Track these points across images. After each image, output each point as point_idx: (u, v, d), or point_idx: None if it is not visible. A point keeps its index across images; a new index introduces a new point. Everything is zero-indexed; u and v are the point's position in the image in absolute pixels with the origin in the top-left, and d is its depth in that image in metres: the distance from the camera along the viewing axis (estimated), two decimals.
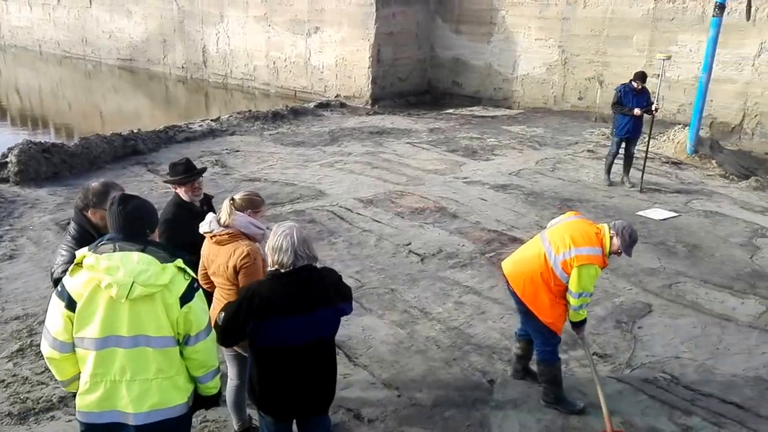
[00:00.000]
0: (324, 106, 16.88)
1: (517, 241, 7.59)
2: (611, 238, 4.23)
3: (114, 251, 2.73)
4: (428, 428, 4.32)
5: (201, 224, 3.69)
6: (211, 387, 3.02)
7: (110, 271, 2.65)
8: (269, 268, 3.12)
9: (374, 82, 17.64)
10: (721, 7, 10.91)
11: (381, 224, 8.09)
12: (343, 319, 3.07)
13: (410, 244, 7.48)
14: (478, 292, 6.34)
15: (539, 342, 4.46)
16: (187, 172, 4.31)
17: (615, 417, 4.42)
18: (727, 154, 12.38)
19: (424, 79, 19.43)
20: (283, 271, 3.04)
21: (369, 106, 17.43)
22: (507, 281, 4.52)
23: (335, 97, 18.18)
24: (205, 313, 2.90)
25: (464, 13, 18.18)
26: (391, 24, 17.55)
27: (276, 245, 3.02)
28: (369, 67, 17.48)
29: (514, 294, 4.44)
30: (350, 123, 15.02)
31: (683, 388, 4.83)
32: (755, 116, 13.72)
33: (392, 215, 8.45)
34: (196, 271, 3.47)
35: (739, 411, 4.58)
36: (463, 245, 7.51)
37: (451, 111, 17.18)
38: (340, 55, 18.11)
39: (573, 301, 4.22)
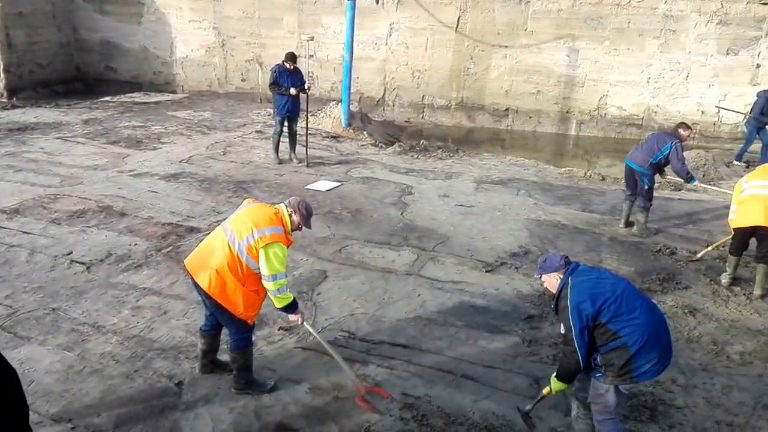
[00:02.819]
0: None
1: (195, 231, 7.42)
2: (290, 215, 4.36)
3: None
4: None
5: None
6: None
7: None
8: None
9: (7, 71, 15.22)
10: None
11: (32, 236, 7.07)
12: None
13: (71, 252, 6.70)
14: (157, 292, 6.01)
15: (234, 331, 4.40)
16: None
17: (303, 384, 4.68)
18: (375, 125, 13.92)
19: (71, 65, 17.46)
20: None
21: (5, 99, 15.01)
22: (192, 279, 4.34)
23: None
24: None
25: None
26: (19, 3, 15.26)
27: None
28: None
29: (201, 290, 4.28)
30: None
31: (359, 341, 5.33)
32: (393, 90, 15.66)
33: (46, 223, 7.46)
34: None
35: (406, 350, 5.23)
36: (136, 244, 7.03)
37: (107, 99, 15.85)
38: None
39: (269, 285, 4.19)
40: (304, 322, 4.56)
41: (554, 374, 3.92)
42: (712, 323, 5.86)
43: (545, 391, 4.05)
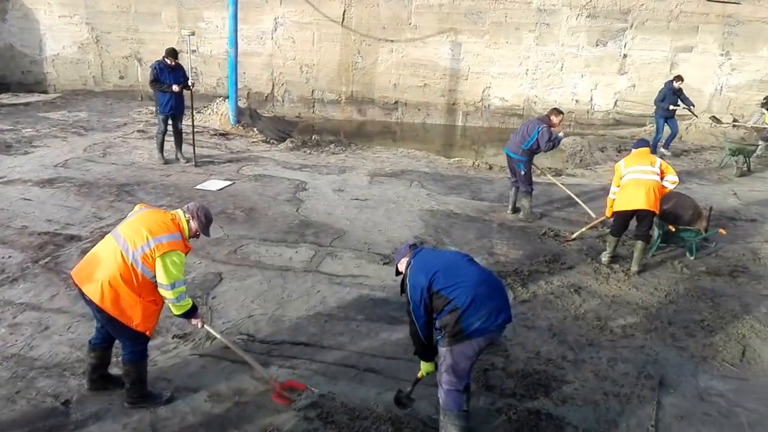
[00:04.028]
0: None
1: (76, 239, 6.97)
2: (188, 221, 4.17)
3: None
4: None
5: None
6: None
7: None
8: None
9: None
10: None
11: None
12: None
13: None
14: (36, 306, 5.58)
15: (128, 344, 4.17)
16: None
17: (201, 392, 4.53)
18: (264, 120, 13.68)
19: None
20: None
21: None
22: (81, 292, 4.04)
23: None
24: None
25: None
26: None
27: None
28: None
29: (91, 303, 4.00)
30: None
31: (259, 343, 5.22)
32: (282, 85, 15.46)
33: None
34: None
35: (308, 348, 5.19)
36: (10, 257, 6.49)
37: None
38: None
39: (168, 294, 4.01)
40: (205, 325, 4.42)
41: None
42: (595, 300, 6.27)
43: (419, 374, 4.26)
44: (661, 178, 6.85)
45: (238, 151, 11.23)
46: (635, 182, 6.84)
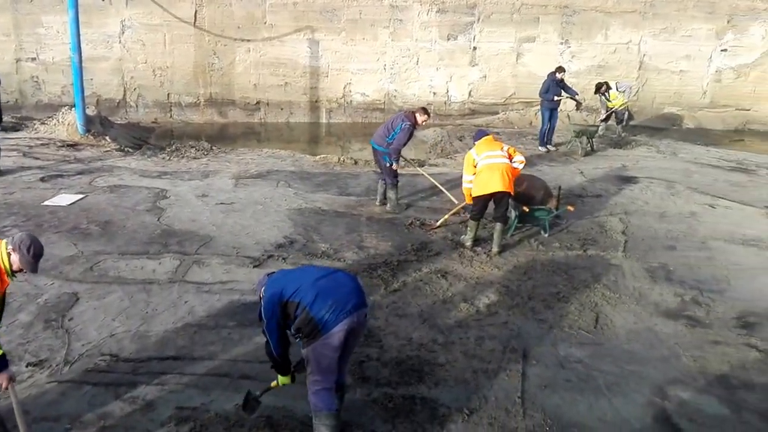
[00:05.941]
0: None
1: None
2: (9, 254, 3.68)
3: None
4: None
5: None
6: None
7: None
8: None
9: None
10: None
11: None
12: None
13: None
14: None
15: None
16: None
17: (62, 420, 4.21)
18: (118, 128, 12.89)
19: None
20: None
21: None
22: None
23: None
24: None
25: None
26: None
27: None
28: None
29: None
30: None
31: (124, 363, 4.93)
32: (135, 89, 14.66)
33: None
34: None
35: (177, 362, 4.98)
36: None
37: None
38: None
39: None
40: (9, 388, 3.76)
41: None
42: (461, 283, 6.55)
43: (274, 384, 4.31)
44: (510, 161, 7.28)
45: (89, 162, 10.50)
46: (489, 167, 7.20)
